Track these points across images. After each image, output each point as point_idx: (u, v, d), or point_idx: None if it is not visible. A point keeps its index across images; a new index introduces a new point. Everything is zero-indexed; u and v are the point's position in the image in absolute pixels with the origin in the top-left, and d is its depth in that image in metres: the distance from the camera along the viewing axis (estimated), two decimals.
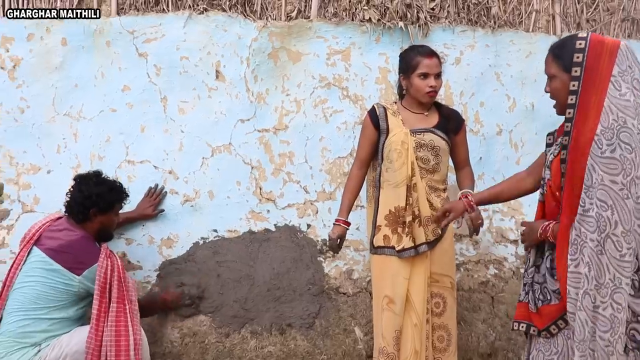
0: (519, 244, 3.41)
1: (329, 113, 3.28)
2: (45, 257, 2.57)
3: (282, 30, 3.22)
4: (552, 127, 3.38)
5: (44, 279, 2.54)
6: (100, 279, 2.56)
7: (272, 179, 3.24)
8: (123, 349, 2.55)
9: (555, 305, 1.93)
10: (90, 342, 2.50)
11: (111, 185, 2.76)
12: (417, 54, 2.65)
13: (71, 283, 2.56)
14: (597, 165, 1.73)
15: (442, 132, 2.70)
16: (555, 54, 1.94)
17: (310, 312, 3.13)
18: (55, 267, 2.55)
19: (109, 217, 2.77)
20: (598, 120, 1.76)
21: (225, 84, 3.21)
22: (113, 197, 2.75)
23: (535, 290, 2.02)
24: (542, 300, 1.99)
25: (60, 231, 2.65)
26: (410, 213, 2.62)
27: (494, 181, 3.42)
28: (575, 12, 3.56)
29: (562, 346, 1.93)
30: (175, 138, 3.19)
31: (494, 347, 3.21)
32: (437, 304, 2.72)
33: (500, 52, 3.43)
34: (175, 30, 3.17)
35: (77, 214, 2.68)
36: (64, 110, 3.14)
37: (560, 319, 1.91)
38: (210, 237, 3.19)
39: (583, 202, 1.77)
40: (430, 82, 2.61)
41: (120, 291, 2.62)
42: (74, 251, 2.60)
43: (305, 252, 3.21)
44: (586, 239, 1.77)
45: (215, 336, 3.06)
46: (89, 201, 2.66)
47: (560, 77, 1.90)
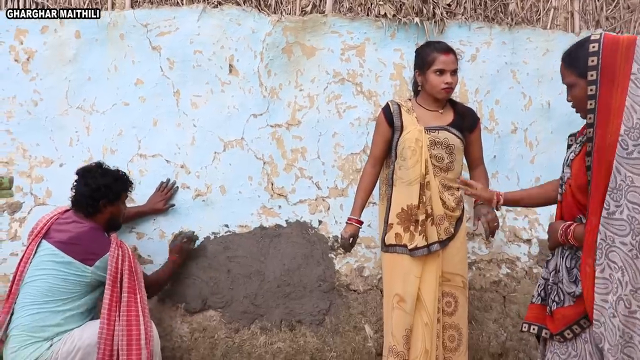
0: (532, 244, 3.37)
1: (343, 109, 3.26)
2: (56, 250, 2.57)
3: (297, 25, 3.19)
4: (568, 126, 3.38)
5: (56, 272, 2.55)
6: (112, 268, 2.58)
7: (284, 174, 3.23)
8: (134, 338, 2.56)
9: (571, 309, 1.89)
10: (102, 332, 2.51)
11: (116, 175, 2.77)
12: (433, 50, 2.61)
13: (84, 274, 2.57)
14: (623, 166, 1.69)
15: (457, 130, 2.67)
16: (568, 63, 1.90)
17: (321, 309, 3.13)
18: (66, 259, 2.55)
19: (118, 207, 2.78)
20: (620, 120, 1.71)
21: (238, 79, 3.19)
22: (120, 187, 2.76)
23: (551, 292, 1.99)
24: (556, 302, 1.95)
25: (68, 224, 2.66)
26: (424, 212, 2.59)
27: (507, 180, 3.39)
28: (595, 10, 3.50)
29: (581, 350, 1.88)
30: (187, 132, 3.18)
31: (504, 347, 3.18)
32: (448, 303, 2.70)
33: (517, 49, 3.38)
34: (189, 24, 3.15)
35: (87, 207, 2.68)
36: (77, 103, 3.14)
37: (576, 324, 1.87)
38: (221, 232, 3.18)
39: (607, 204, 1.73)
40: (446, 79, 2.58)
41: (132, 280, 2.63)
42: (84, 242, 2.61)
43: (316, 249, 3.19)
44: (614, 243, 1.72)
45: (224, 331, 3.06)
46: (98, 193, 2.67)
47: (579, 84, 1.85)
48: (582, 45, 1.84)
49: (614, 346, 1.73)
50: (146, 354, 2.58)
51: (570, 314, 1.89)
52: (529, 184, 3.42)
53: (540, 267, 3.36)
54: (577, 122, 3.36)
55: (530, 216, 3.40)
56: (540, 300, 2.05)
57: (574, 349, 1.91)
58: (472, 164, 2.84)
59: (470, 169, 2.86)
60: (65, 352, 2.48)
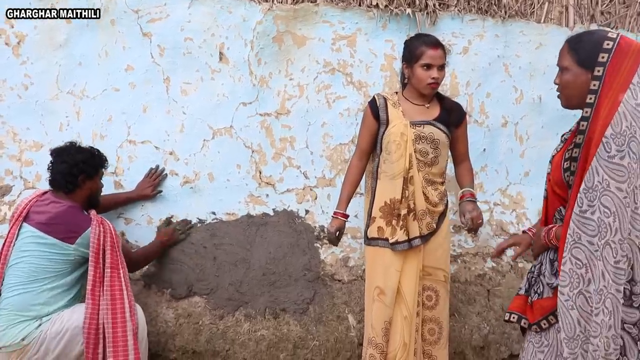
0: None
1: (332, 99, 3.26)
2: (37, 231, 2.61)
3: (288, 14, 3.19)
4: (559, 121, 3.38)
5: (39, 253, 2.59)
6: (94, 245, 2.60)
7: (272, 163, 3.24)
8: (119, 312, 2.61)
9: (548, 300, 1.93)
10: (88, 308, 2.56)
11: (91, 151, 2.80)
12: (422, 44, 2.60)
13: (67, 252, 2.60)
14: (602, 168, 1.71)
15: (442, 124, 2.66)
16: (571, 47, 1.88)
17: (305, 298, 3.15)
18: (48, 240, 2.59)
19: (96, 182, 2.81)
20: (608, 122, 1.72)
21: (228, 67, 3.19)
22: (97, 162, 2.79)
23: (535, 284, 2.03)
24: (537, 294, 1.99)
25: (47, 205, 2.69)
26: (406, 206, 2.60)
27: (497, 174, 3.39)
28: (590, 4, 3.47)
29: (553, 339, 1.93)
30: (176, 119, 3.19)
31: (487, 340, 3.21)
32: (429, 297, 2.72)
33: (510, 42, 3.37)
34: (180, 11, 3.15)
35: (67, 185, 2.70)
36: (67, 88, 3.15)
37: (552, 314, 1.91)
38: (208, 219, 3.20)
39: (581, 202, 1.75)
40: (432, 74, 2.57)
41: (114, 256, 2.66)
42: (63, 221, 2.64)
43: (302, 238, 3.21)
44: (580, 240, 1.75)
45: (209, 318, 3.10)
46: (76, 168, 2.69)
47: (573, 71, 1.85)
48: (593, 36, 1.84)
49: (571, 339, 1.78)
50: (131, 326, 2.62)
51: (548, 305, 1.92)
52: (518, 178, 3.43)
53: (526, 261, 3.37)
54: (569, 117, 3.38)
55: (517, 210, 3.41)
56: (524, 291, 2.09)
57: (546, 338, 1.95)
58: (457, 159, 2.85)
59: (456, 164, 2.87)
60: (53, 332, 2.53)
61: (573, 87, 1.86)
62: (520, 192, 3.42)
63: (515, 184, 3.42)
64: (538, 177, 3.41)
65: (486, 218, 3.37)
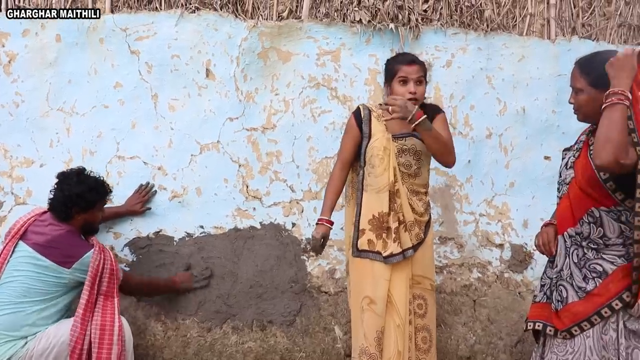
0: (504, 249, 3.41)
1: (317, 113, 3.31)
2: (33, 252, 2.62)
3: (272, 30, 3.25)
4: (543, 131, 3.43)
5: (33, 273, 2.59)
6: (92, 271, 2.63)
7: (259, 177, 3.29)
8: (107, 335, 2.62)
9: (579, 306, 1.96)
10: (75, 330, 2.56)
11: (92, 184, 2.77)
12: (397, 62, 2.62)
13: (61, 276, 2.62)
14: None
15: None
16: (583, 70, 2.00)
17: (292, 310, 3.19)
18: (44, 262, 2.60)
19: (92, 215, 2.80)
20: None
21: (215, 83, 3.25)
22: (93, 197, 2.76)
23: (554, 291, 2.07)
24: (559, 301, 2.02)
25: (46, 226, 2.71)
26: (396, 219, 2.60)
27: (482, 185, 3.43)
28: (571, 17, 3.51)
29: (580, 345, 1.95)
30: (164, 135, 3.25)
31: (473, 351, 3.23)
32: (419, 305, 2.72)
33: (493, 55, 3.41)
34: (167, 29, 3.22)
35: (60, 213, 2.72)
36: (57, 105, 3.22)
37: (586, 320, 1.94)
38: (196, 233, 3.25)
39: None
40: (410, 88, 2.56)
41: (110, 285, 2.69)
42: (61, 246, 2.65)
43: (289, 251, 3.25)
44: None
45: (197, 330, 3.13)
46: (70, 201, 2.70)
47: (587, 92, 1.98)
48: (601, 57, 1.93)
49: None
50: (117, 350, 2.63)
51: (580, 311, 1.95)
52: (504, 189, 3.46)
53: (512, 272, 3.40)
54: (552, 128, 3.42)
55: (503, 221, 3.44)
56: (545, 298, 2.12)
57: (571, 346, 1.97)
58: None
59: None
60: (40, 349, 2.53)
61: (590, 106, 1.98)
62: (506, 203, 3.45)
63: (500, 194, 3.45)
64: (523, 188, 3.45)
65: (472, 229, 3.40)
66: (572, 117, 3.35)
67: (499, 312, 3.29)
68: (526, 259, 3.41)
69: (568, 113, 3.38)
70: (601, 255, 1.97)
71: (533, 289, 3.36)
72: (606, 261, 1.95)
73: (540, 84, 3.43)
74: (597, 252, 1.98)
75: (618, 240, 1.95)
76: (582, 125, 3.34)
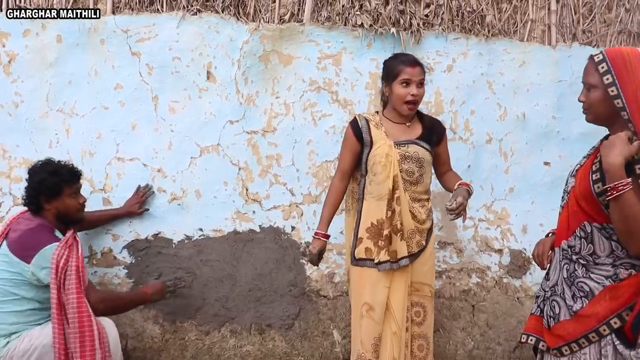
0: (503, 254, 3.41)
1: (318, 117, 3.31)
2: (7, 250, 2.55)
3: (274, 34, 3.24)
4: (543, 137, 3.43)
5: (7, 273, 2.52)
6: (54, 267, 2.49)
7: (258, 180, 3.28)
8: (87, 339, 2.49)
9: (570, 325, 1.90)
10: (55, 332, 2.48)
11: (54, 168, 2.64)
12: (400, 62, 2.62)
13: (24, 271, 2.51)
14: None
15: (425, 143, 2.65)
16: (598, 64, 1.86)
17: (290, 314, 3.18)
18: (11, 258, 2.52)
19: (62, 202, 2.66)
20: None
21: (215, 85, 3.25)
22: (57, 180, 2.62)
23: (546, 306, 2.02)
24: (552, 317, 1.96)
25: (21, 222, 2.64)
26: (389, 226, 2.59)
27: (481, 189, 3.42)
28: (572, 23, 3.52)
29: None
30: (164, 137, 3.24)
31: (471, 356, 3.22)
32: (417, 313, 2.71)
33: (494, 60, 3.41)
34: (168, 31, 3.21)
35: (30, 205, 2.65)
36: (57, 106, 3.21)
37: (574, 342, 1.88)
38: (195, 235, 3.24)
39: None
40: (411, 90, 2.56)
41: (79, 282, 2.53)
42: (24, 240, 2.55)
43: (288, 254, 3.25)
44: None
45: (195, 334, 3.12)
46: (35, 190, 2.62)
47: (601, 88, 1.83)
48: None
49: None
50: (100, 356, 2.52)
51: (570, 332, 1.89)
52: (503, 194, 3.46)
53: (510, 277, 3.40)
54: (552, 133, 3.42)
55: (502, 226, 3.44)
56: (539, 311, 2.08)
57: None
58: (440, 170, 2.82)
59: (441, 175, 2.84)
60: (21, 350, 2.46)
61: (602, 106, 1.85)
62: (505, 208, 3.46)
63: (499, 199, 3.45)
64: (522, 193, 3.46)
65: (471, 234, 3.40)
66: (572, 123, 3.43)
67: (498, 317, 3.29)
68: (525, 264, 3.42)
69: (568, 119, 3.43)
70: (589, 274, 1.88)
71: (532, 295, 3.37)
72: (593, 281, 1.87)
73: (540, 90, 3.43)
74: (586, 269, 1.90)
75: (607, 260, 1.86)
76: (583, 131, 3.42)
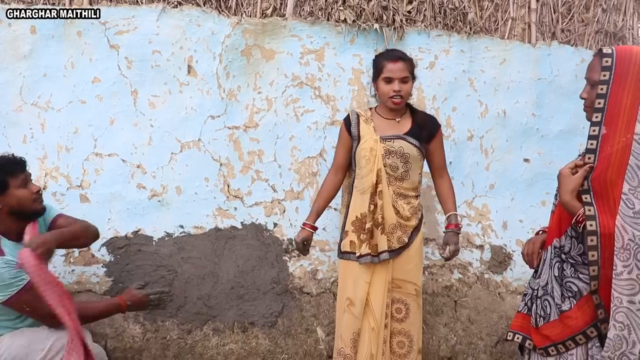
0: (484, 250, 3.44)
1: (300, 112, 3.28)
2: None
3: (256, 28, 3.20)
4: (523, 134, 3.46)
5: None
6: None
7: (240, 176, 3.24)
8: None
9: (557, 327, 1.90)
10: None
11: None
12: (383, 59, 2.64)
13: None
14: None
15: (413, 138, 2.65)
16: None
17: (273, 311, 3.15)
18: None
19: (12, 197, 2.34)
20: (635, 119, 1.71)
21: (196, 80, 3.19)
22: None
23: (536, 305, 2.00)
24: (542, 316, 1.95)
25: None
26: (371, 220, 2.61)
27: (463, 186, 3.44)
28: (551, 22, 3.57)
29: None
30: (144, 132, 3.17)
31: (454, 351, 3.24)
32: (398, 310, 2.72)
33: (475, 58, 3.43)
34: (148, 23, 3.13)
35: None
36: (31, 99, 3.11)
37: (561, 343, 1.88)
38: (176, 232, 3.18)
39: (631, 203, 1.70)
40: (394, 87, 2.58)
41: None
42: None
43: (271, 251, 3.21)
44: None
45: (177, 332, 3.07)
46: None
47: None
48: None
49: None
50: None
51: (557, 332, 1.89)
52: (484, 191, 3.49)
53: (492, 272, 3.43)
54: (532, 131, 3.46)
55: (483, 222, 3.47)
56: (526, 309, 2.06)
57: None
58: (434, 172, 2.83)
59: (434, 178, 2.84)
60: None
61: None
62: (486, 204, 3.49)
63: (480, 196, 3.48)
64: (503, 190, 3.49)
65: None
66: (551, 121, 3.48)
67: (479, 312, 3.32)
68: (505, 260, 3.45)
69: (547, 116, 3.47)
70: (578, 274, 1.87)
71: (512, 290, 3.40)
72: (581, 281, 1.86)
73: (520, 87, 3.47)
74: (575, 269, 1.89)
75: None
76: (562, 129, 3.47)
